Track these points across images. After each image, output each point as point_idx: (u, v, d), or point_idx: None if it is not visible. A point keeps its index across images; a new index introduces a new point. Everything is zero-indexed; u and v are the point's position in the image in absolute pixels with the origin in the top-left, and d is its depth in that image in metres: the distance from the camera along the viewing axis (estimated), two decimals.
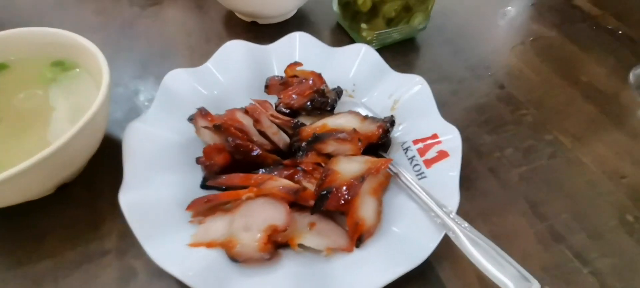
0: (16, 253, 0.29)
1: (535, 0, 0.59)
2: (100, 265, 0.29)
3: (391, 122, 0.34)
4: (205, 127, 0.33)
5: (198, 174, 0.33)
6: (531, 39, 0.52)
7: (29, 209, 0.31)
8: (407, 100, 0.38)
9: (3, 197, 0.28)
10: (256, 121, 0.33)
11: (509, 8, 0.57)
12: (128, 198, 0.28)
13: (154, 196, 0.30)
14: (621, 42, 0.52)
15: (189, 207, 0.29)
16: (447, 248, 0.28)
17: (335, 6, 0.50)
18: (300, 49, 0.42)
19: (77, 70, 0.35)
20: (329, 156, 0.32)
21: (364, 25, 0.45)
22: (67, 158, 0.29)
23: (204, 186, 0.32)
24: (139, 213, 0.28)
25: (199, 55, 0.46)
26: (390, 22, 0.45)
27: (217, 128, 0.32)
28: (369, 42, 0.46)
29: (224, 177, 0.31)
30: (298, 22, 0.52)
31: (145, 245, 0.26)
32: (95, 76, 0.33)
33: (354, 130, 0.32)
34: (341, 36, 0.50)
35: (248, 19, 0.50)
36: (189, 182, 0.32)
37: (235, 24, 0.51)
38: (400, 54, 0.48)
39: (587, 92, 0.45)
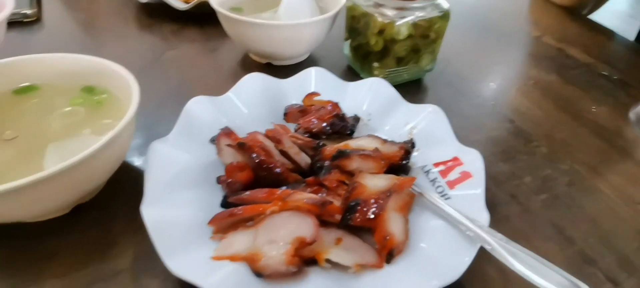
0: (28, 272, 0.28)
1: (531, 50, 0.63)
2: (112, 284, 0.27)
3: (412, 144, 0.35)
4: (229, 146, 0.33)
5: (218, 195, 0.32)
6: (532, 82, 0.55)
7: (43, 229, 0.30)
8: (423, 127, 0.38)
9: (21, 208, 0.27)
10: (278, 141, 0.33)
11: (507, 57, 0.61)
12: (150, 212, 0.27)
13: (175, 212, 0.29)
14: (616, 85, 0.55)
15: (211, 222, 0.28)
16: (475, 268, 0.27)
17: (346, 50, 0.53)
18: (316, 82, 0.43)
19: (105, 95, 0.35)
20: (352, 175, 0.32)
21: (375, 64, 0.48)
22: (92, 172, 0.28)
23: (224, 205, 0.31)
24: (160, 226, 0.27)
25: (216, 92, 0.47)
26: (400, 61, 0.48)
27: (241, 146, 0.32)
28: None
29: (247, 193, 0.30)
30: (311, 64, 0.54)
31: (166, 260, 0.25)
32: (124, 101, 0.34)
33: (377, 149, 0.32)
34: (352, 77, 0.52)
35: (263, 61, 0.53)
36: (208, 201, 0.31)
37: (250, 64, 0.53)
38: (409, 92, 0.50)
39: (592, 127, 0.46)
